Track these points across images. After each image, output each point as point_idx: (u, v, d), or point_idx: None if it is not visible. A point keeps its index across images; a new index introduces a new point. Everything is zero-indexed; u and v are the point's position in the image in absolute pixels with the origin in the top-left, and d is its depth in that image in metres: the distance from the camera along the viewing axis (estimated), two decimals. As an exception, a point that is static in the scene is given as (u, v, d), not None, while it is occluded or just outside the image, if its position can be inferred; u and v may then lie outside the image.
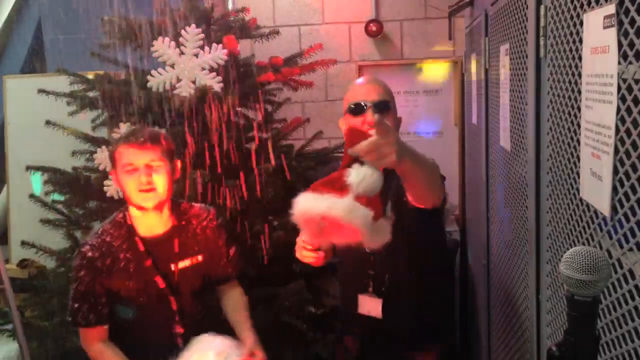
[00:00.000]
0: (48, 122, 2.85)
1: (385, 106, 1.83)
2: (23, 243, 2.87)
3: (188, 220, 2.02)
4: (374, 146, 1.34)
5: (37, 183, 3.36)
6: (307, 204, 1.44)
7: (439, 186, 1.75)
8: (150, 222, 1.95)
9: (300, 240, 1.74)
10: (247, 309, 2.10)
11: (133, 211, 1.95)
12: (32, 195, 2.98)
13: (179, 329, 1.98)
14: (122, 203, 2.30)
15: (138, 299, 1.95)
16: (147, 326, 1.96)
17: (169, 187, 1.91)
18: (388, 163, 1.36)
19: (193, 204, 2.10)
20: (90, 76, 2.97)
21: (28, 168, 2.88)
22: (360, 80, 1.95)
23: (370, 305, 1.93)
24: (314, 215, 1.43)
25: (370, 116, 1.78)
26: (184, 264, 1.98)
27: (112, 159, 1.90)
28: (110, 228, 1.97)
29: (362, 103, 1.82)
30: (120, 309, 1.96)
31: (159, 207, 1.91)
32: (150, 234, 1.96)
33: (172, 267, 1.96)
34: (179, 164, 1.99)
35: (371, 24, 3.85)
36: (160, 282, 1.94)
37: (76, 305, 1.92)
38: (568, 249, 0.86)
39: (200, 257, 2.02)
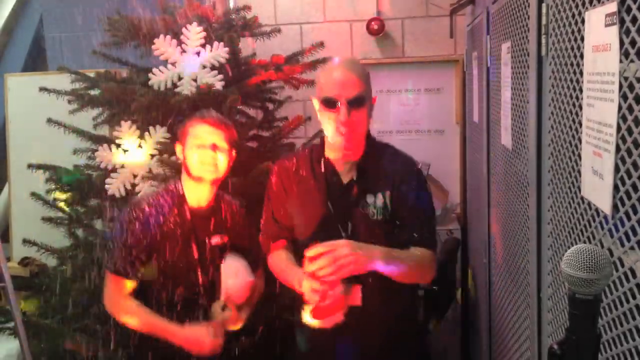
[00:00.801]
0: (49, 120, 2.85)
1: (359, 102, 1.77)
2: (24, 241, 2.87)
3: (221, 203, 2.18)
4: (331, 259, 1.54)
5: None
6: None
7: (428, 271, 1.84)
8: (200, 195, 2.10)
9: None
10: None
11: (187, 183, 2.10)
12: (33, 193, 2.98)
13: (201, 301, 2.09)
14: (123, 201, 2.32)
15: (172, 263, 2.06)
16: (173, 291, 2.08)
17: (227, 169, 2.09)
18: (352, 272, 1.55)
19: (225, 193, 2.26)
20: (92, 74, 2.97)
21: (29, 166, 2.88)
22: (337, 65, 1.84)
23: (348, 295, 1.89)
24: None
25: (343, 114, 1.75)
26: (215, 240, 2.12)
27: (183, 131, 2.08)
28: (164, 193, 2.12)
29: (336, 100, 1.77)
30: (152, 270, 2.08)
31: (214, 183, 2.09)
32: (197, 206, 2.11)
33: (207, 241, 2.11)
34: (233, 152, 2.13)
35: (373, 22, 3.85)
36: (195, 252, 2.08)
37: (117, 254, 2.04)
38: (569, 248, 0.86)
39: (226, 238, 2.15)
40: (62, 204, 2.90)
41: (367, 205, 1.85)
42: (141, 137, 2.64)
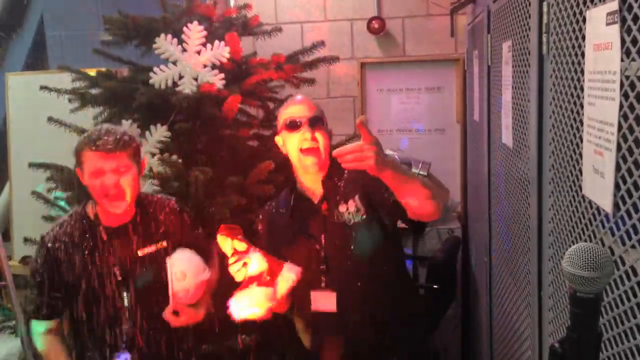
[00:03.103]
0: (50, 119, 2.85)
1: (319, 121, 1.96)
2: (25, 240, 2.87)
3: (148, 209, 2.07)
4: (358, 148, 1.53)
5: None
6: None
7: (437, 200, 1.80)
8: (115, 215, 1.98)
9: None
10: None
11: (98, 206, 1.98)
12: (34, 192, 2.98)
13: (125, 326, 2.01)
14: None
15: (95, 290, 1.98)
16: (101, 319, 2.01)
17: (136, 189, 1.96)
18: (368, 166, 1.54)
19: (153, 195, 2.17)
20: (93, 73, 2.97)
21: (30, 165, 2.88)
22: (294, 99, 2.07)
23: (324, 301, 1.97)
24: None
25: (307, 131, 1.91)
26: (145, 251, 2.02)
27: (78, 158, 1.91)
28: (72, 221, 2.01)
29: (298, 120, 1.94)
30: (77, 301, 2.00)
31: (126, 208, 1.96)
32: (116, 224, 2.00)
33: (134, 255, 2.00)
34: (145, 162, 2.04)
35: (373, 21, 3.85)
36: (118, 273, 1.99)
37: (37, 298, 1.99)
38: (570, 246, 0.86)
39: (165, 243, 2.06)
40: (62, 203, 2.91)
41: (341, 214, 1.97)
42: (142, 135, 2.64)
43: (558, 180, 1.37)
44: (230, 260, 1.82)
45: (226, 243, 1.81)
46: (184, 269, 1.97)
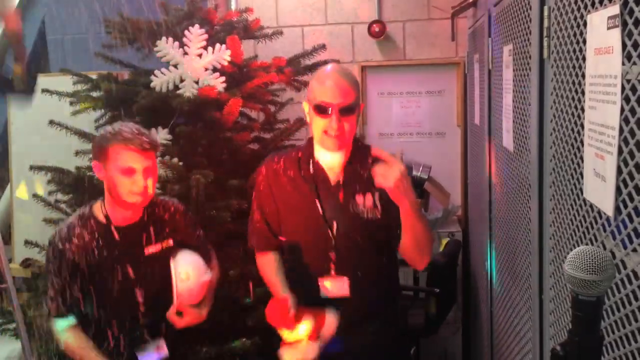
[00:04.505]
0: (51, 122, 2.86)
1: (349, 109, 1.84)
2: (26, 242, 2.88)
3: (155, 209, 2.08)
4: (391, 160, 1.69)
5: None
6: None
7: (428, 256, 1.92)
8: (127, 214, 2.00)
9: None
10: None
11: (111, 205, 1.98)
12: (35, 195, 2.98)
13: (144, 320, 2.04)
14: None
15: (110, 288, 2.00)
16: (116, 317, 2.03)
17: (154, 190, 2.00)
18: (386, 183, 1.66)
19: (157, 196, 2.16)
20: (94, 76, 2.97)
21: (32, 168, 2.89)
22: (329, 72, 1.89)
23: (336, 287, 1.94)
24: None
25: (334, 121, 1.81)
26: (151, 250, 2.04)
27: (104, 152, 1.90)
28: (82, 221, 2.01)
29: (328, 107, 1.82)
30: (89, 300, 2.01)
31: (143, 205, 1.99)
32: (125, 223, 2.01)
33: (143, 254, 2.02)
34: (157, 159, 2.04)
35: (374, 25, 3.86)
36: (131, 272, 2.00)
37: (51, 295, 1.98)
38: (571, 250, 0.86)
39: (170, 242, 2.08)
40: (63, 205, 2.91)
41: (357, 205, 1.91)
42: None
43: (559, 183, 1.37)
44: (286, 334, 1.83)
45: (276, 321, 1.82)
46: (187, 270, 1.99)
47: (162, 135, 2.63)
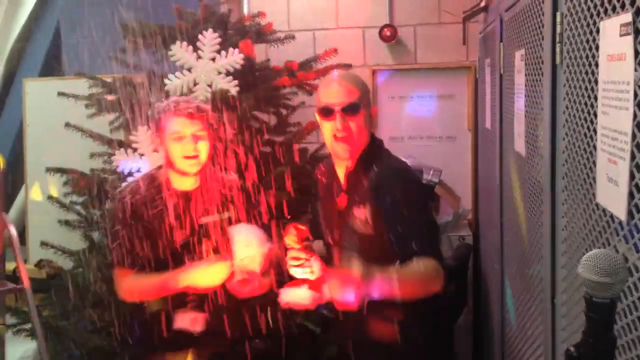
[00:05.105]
0: (68, 125, 2.90)
1: (353, 108, 1.84)
2: (42, 243, 2.91)
3: (214, 181, 2.16)
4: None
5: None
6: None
7: (434, 281, 1.76)
8: (185, 180, 2.10)
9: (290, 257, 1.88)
10: None
11: (170, 172, 2.09)
12: (50, 197, 3.02)
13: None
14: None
15: (166, 247, 2.06)
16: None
17: (209, 155, 2.08)
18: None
19: (218, 170, 2.25)
20: (109, 79, 3.01)
21: (48, 170, 2.92)
22: (333, 77, 1.97)
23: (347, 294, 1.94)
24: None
25: (339, 121, 1.83)
26: (207, 219, 2.10)
27: (158, 123, 2.04)
28: (146, 180, 2.13)
29: (331, 107, 1.85)
30: (147, 257, 2.07)
31: (199, 172, 2.08)
32: (184, 189, 2.10)
33: (200, 220, 2.09)
34: (214, 132, 2.13)
35: (385, 29, 3.87)
36: (188, 231, 2.07)
37: (114, 247, 2.07)
38: (584, 254, 0.88)
39: (227, 214, 2.14)
40: (78, 207, 2.95)
41: (354, 217, 1.89)
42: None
43: (571, 187, 1.39)
44: (293, 262, 1.85)
45: (292, 241, 1.85)
46: (248, 237, 2.01)
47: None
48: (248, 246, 1.99)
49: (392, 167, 1.93)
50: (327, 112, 1.86)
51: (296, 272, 1.88)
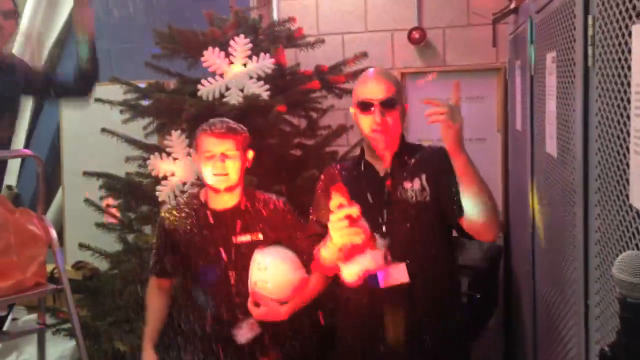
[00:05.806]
0: (103, 130, 2.97)
1: (391, 103, 1.97)
2: (81, 245, 2.99)
3: (254, 203, 2.24)
4: (450, 109, 1.81)
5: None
6: None
7: (496, 217, 1.91)
8: (221, 200, 2.20)
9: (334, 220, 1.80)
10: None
11: (209, 190, 2.21)
12: (87, 200, 3.10)
13: (236, 301, 2.17)
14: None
15: (199, 265, 2.19)
16: (208, 294, 2.20)
17: (241, 173, 2.17)
18: (452, 131, 1.82)
19: (265, 192, 2.32)
20: (143, 85, 3.08)
21: (85, 173, 3.00)
22: (369, 74, 2.05)
23: (396, 274, 1.95)
24: None
25: (377, 115, 1.94)
26: (241, 239, 2.18)
27: (195, 142, 2.19)
28: (189, 199, 2.30)
29: (369, 101, 1.96)
30: (183, 271, 2.26)
31: (229, 190, 2.16)
32: (221, 208, 2.20)
33: (233, 240, 2.18)
34: (250, 154, 2.22)
35: (414, 32, 3.88)
36: (223, 253, 2.17)
37: (153, 257, 2.32)
38: (617, 255, 0.89)
39: (260, 236, 2.20)
40: (114, 210, 3.02)
41: (405, 190, 1.99)
42: (190, 145, 2.73)
43: (604, 189, 1.39)
44: (340, 223, 1.77)
45: (338, 201, 1.77)
46: (267, 261, 2.07)
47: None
48: (261, 270, 2.05)
49: (433, 146, 2.12)
50: (365, 106, 1.97)
51: (344, 236, 1.79)
